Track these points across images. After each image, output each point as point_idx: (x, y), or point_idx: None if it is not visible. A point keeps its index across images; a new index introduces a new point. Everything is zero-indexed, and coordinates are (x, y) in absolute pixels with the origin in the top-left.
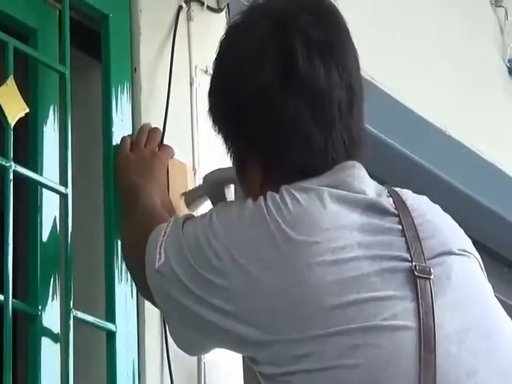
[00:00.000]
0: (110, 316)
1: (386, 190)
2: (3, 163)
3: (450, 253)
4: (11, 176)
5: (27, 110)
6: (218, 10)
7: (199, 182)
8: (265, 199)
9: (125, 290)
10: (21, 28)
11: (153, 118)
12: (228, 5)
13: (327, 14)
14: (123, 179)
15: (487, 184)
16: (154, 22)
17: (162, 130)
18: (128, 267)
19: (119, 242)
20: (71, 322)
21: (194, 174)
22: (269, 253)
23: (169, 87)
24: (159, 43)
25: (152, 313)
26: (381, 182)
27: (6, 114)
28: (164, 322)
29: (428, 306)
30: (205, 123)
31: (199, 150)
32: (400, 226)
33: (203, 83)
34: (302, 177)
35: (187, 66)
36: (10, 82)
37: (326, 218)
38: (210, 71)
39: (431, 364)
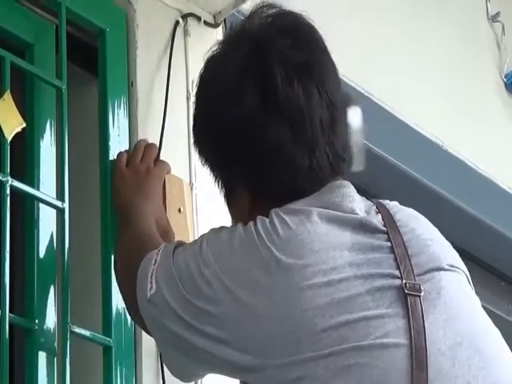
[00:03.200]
0: (107, 330)
1: (375, 206)
2: (0, 178)
3: (439, 268)
4: (8, 191)
5: (24, 125)
6: (214, 25)
7: (196, 196)
8: (255, 224)
9: (121, 305)
10: (17, 43)
11: (149, 132)
12: (225, 20)
13: (305, 34)
14: (118, 197)
15: (484, 199)
16: (151, 36)
17: (158, 144)
18: (120, 290)
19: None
20: (68, 337)
21: (191, 189)
22: (260, 278)
23: (165, 102)
24: (156, 58)
25: None
26: (374, 196)
27: (3, 128)
28: None
29: (419, 324)
30: None
31: (196, 165)
32: (389, 243)
33: None
34: (289, 199)
35: (184, 80)
36: (7, 96)
37: (317, 239)
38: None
39: (423, 381)
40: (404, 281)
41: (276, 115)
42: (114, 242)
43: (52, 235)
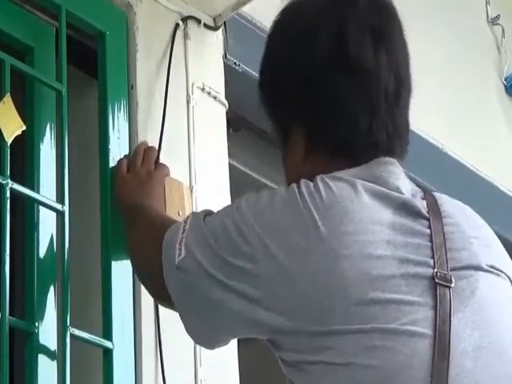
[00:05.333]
0: (107, 333)
1: (422, 193)
2: (0, 180)
3: (478, 268)
4: (8, 193)
5: (24, 128)
6: (214, 28)
7: (196, 200)
8: (298, 186)
9: (122, 308)
10: (17, 46)
11: (149, 135)
12: (225, 23)
13: (383, 2)
14: (121, 201)
15: (484, 201)
16: (151, 39)
17: (157, 147)
18: (139, 274)
19: (125, 256)
20: (68, 340)
21: (191, 191)
22: (299, 240)
23: (165, 105)
24: (156, 61)
25: (149, 330)
26: None
27: (3, 131)
28: (160, 340)
29: (445, 314)
30: (201, 140)
31: (195, 167)
32: (429, 231)
33: (200, 101)
34: (342, 155)
35: (184, 83)
36: (7, 99)
37: (358, 209)
38: (207, 89)
39: (443, 371)
40: (436, 269)
41: (344, 69)
42: (126, 230)
43: (52, 238)
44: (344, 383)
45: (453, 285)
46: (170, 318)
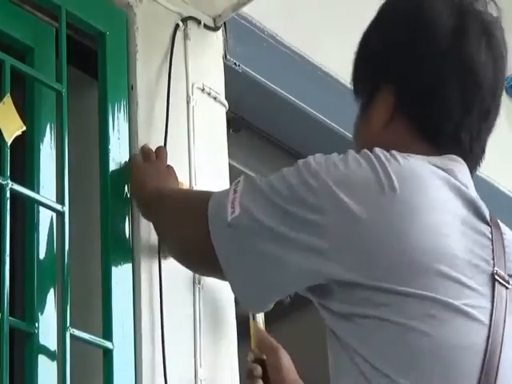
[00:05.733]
0: (107, 334)
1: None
2: (0, 181)
3: None
4: (8, 194)
5: (24, 128)
6: (214, 29)
7: None
8: (371, 151)
9: (122, 308)
10: (17, 46)
11: (149, 135)
12: (225, 23)
13: (497, 18)
14: (145, 187)
15: (484, 202)
16: (151, 40)
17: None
18: (178, 249)
19: (125, 257)
20: (68, 340)
21: None
22: (376, 196)
23: (167, 106)
24: (156, 61)
25: (149, 331)
26: None
27: (3, 132)
28: (163, 339)
29: (502, 310)
30: (201, 141)
31: (195, 167)
32: (490, 236)
33: (200, 101)
34: (423, 134)
35: (184, 83)
36: (7, 100)
37: (433, 189)
38: (207, 89)
39: (495, 359)
40: (496, 268)
41: (455, 61)
42: (155, 213)
43: (52, 239)
44: (394, 341)
45: (510, 286)
46: (171, 317)
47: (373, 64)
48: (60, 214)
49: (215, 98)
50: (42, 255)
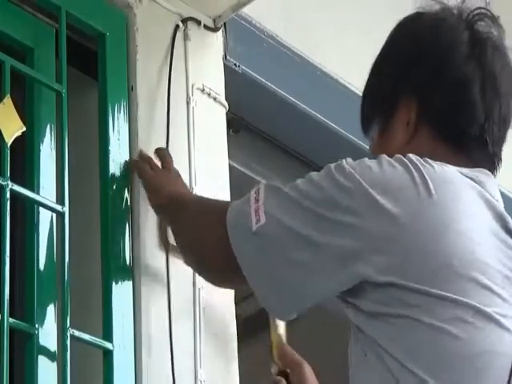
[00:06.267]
0: (107, 334)
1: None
2: (0, 182)
3: None
4: (8, 195)
5: (24, 129)
6: (214, 29)
7: None
8: (404, 156)
9: (122, 309)
10: (17, 47)
11: (149, 136)
12: (225, 24)
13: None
14: (160, 193)
15: None
16: (151, 40)
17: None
18: (198, 259)
19: (125, 257)
20: (68, 341)
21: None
22: (410, 199)
23: (168, 107)
24: (156, 62)
25: (149, 331)
26: None
27: (3, 132)
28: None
29: None
30: (201, 141)
31: (195, 168)
32: None
33: (200, 102)
34: (447, 138)
35: (184, 84)
36: (7, 100)
37: (467, 198)
38: (207, 90)
39: None
40: None
41: (476, 65)
42: (174, 221)
43: (52, 239)
44: (425, 342)
45: None
46: (171, 318)
47: (392, 78)
48: (60, 215)
49: (215, 99)
50: (42, 256)
